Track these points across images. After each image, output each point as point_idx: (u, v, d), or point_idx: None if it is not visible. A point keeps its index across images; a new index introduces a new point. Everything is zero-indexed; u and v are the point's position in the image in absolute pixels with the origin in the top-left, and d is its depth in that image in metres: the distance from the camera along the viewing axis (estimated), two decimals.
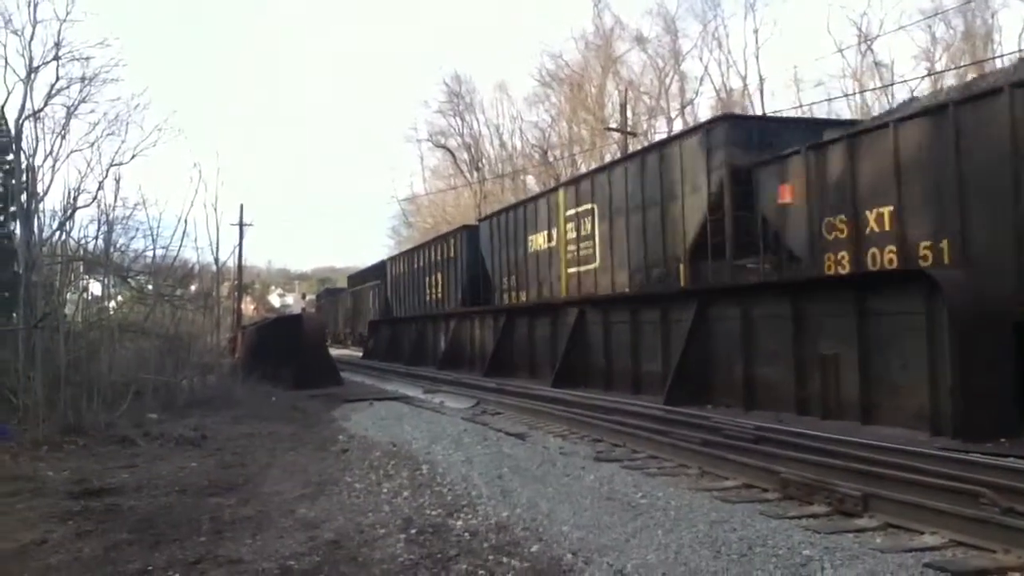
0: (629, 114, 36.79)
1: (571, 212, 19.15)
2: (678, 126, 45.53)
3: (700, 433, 8.97)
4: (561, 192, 20.14)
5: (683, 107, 46.39)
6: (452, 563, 4.93)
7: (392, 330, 33.05)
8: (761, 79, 43.80)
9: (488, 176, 57.10)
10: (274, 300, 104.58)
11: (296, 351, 19.41)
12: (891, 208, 10.74)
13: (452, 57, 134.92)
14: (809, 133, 13.19)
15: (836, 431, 8.69)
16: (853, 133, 11.70)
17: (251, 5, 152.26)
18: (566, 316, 17.53)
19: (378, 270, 39.65)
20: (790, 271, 12.57)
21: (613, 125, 38.36)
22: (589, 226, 18.25)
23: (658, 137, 45.56)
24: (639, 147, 23.84)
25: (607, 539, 5.18)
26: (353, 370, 25.17)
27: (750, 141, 13.82)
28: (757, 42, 45.50)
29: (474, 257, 25.26)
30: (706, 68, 46.51)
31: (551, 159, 52.18)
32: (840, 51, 39.89)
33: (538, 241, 20.81)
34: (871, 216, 11.09)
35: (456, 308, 25.47)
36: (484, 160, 59.94)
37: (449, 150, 62.12)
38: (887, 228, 10.82)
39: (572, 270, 19.12)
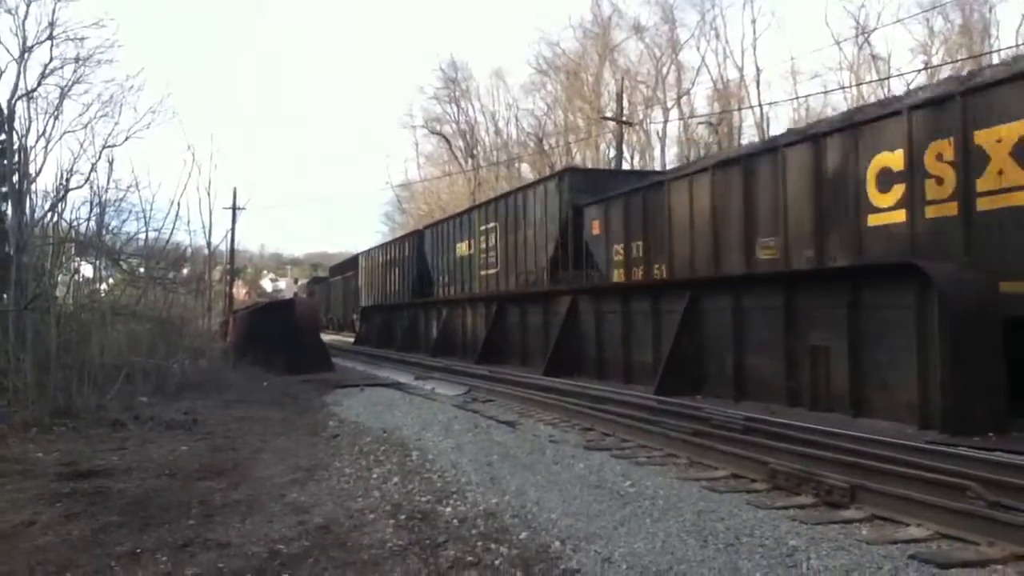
0: (625, 103, 36.69)
1: (483, 228, 23.76)
2: (674, 116, 45.60)
3: (690, 423, 9.00)
4: (477, 212, 24.98)
5: (679, 97, 46.42)
6: (441, 549, 4.95)
7: (384, 316, 33.12)
8: (758, 70, 43.88)
9: (483, 163, 57.06)
10: (266, 285, 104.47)
11: (288, 336, 19.37)
12: (642, 242, 16.11)
13: (449, 44, 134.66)
14: (633, 182, 17.73)
15: (825, 423, 8.73)
16: (627, 191, 16.86)
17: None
18: (558, 305, 17.57)
19: (353, 263, 43.52)
20: (598, 280, 17.69)
21: (609, 114, 38.31)
22: (494, 240, 22.91)
23: (655, 126, 45.63)
24: (534, 179, 29.71)
25: (595, 527, 5.20)
26: (345, 356, 25.18)
27: (588, 187, 18.76)
28: (755, 33, 45.48)
29: (421, 257, 29.66)
30: (703, 58, 46.56)
31: (546, 147, 52.15)
32: (837, 43, 39.99)
33: (463, 248, 25.50)
34: (634, 246, 16.43)
35: (407, 300, 30.37)
36: (479, 147, 59.92)
37: (444, 137, 62.04)
38: (641, 255, 16.17)
39: (483, 272, 23.60)
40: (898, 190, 10.12)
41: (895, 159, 10.13)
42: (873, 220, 10.47)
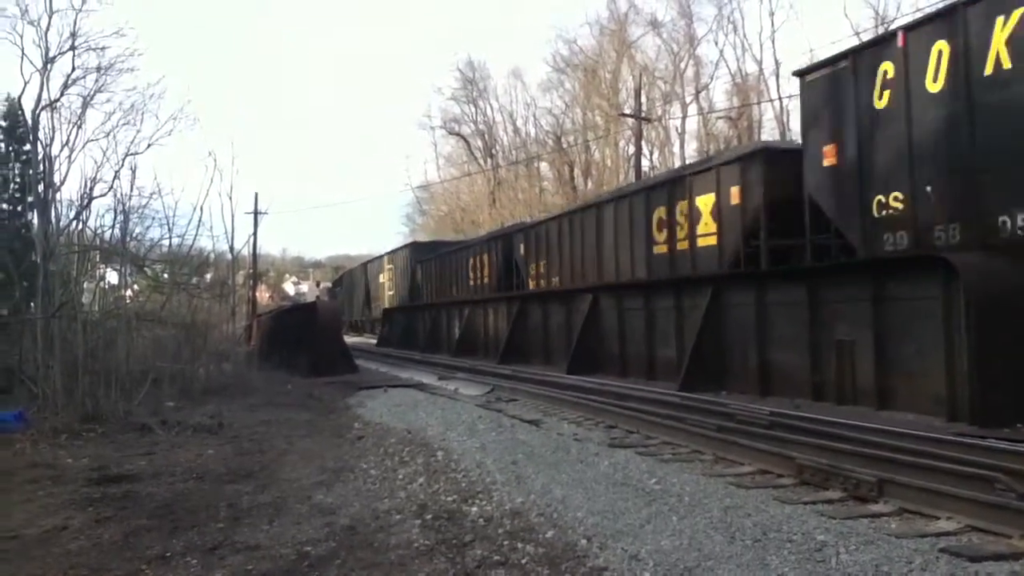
0: (644, 100, 36.60)
1: (388, 267, 39.78)
2: (692, 111, 45.37)
3: (714, 419, 8.96)
4: (387, 256, 41.35)
5: (698, 92, 46.11)
6: (467, 549, 4.96)
7: (407, 317, 33.38)
8: (777, 63, 43.63)
9: (502, 163, 57.07)
10: (289, 288, 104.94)
11: (311, 339, 19.50)
12: (431, 284, 32.33)
13: (466, 43, 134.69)
14: (445, 248, 32.36)
15: (851, 417, 8.65)
16: (427, 258, 33.10)
17: None
18: (580, 303, 17.53)
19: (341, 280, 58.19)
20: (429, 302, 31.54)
21: (627, 111, 38.19)
22: (392, 276, 38.75)
23: (674, 122, 45.46)
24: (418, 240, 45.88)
25: (622, 525, 5.19)
26: (368, 357, 25.29)
27: (425, 251, 34.45)
28: (773, 25, 45.18)
29: (367, 282, 44.16)
30: (721, 52, 46.25)
31: (565, 145, 52.06)
32: (857, 34, 39.35)
33: (381, 278, 41.37)
34: (431, 286, 32.30)
35: (362, 311, 45.19)
36: (498, 147, 59.91)
37: (463, 137, 62.10)
38: (434, 291, 31.70)
39: (388, 293, 39.15)
40: None
41: None
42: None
